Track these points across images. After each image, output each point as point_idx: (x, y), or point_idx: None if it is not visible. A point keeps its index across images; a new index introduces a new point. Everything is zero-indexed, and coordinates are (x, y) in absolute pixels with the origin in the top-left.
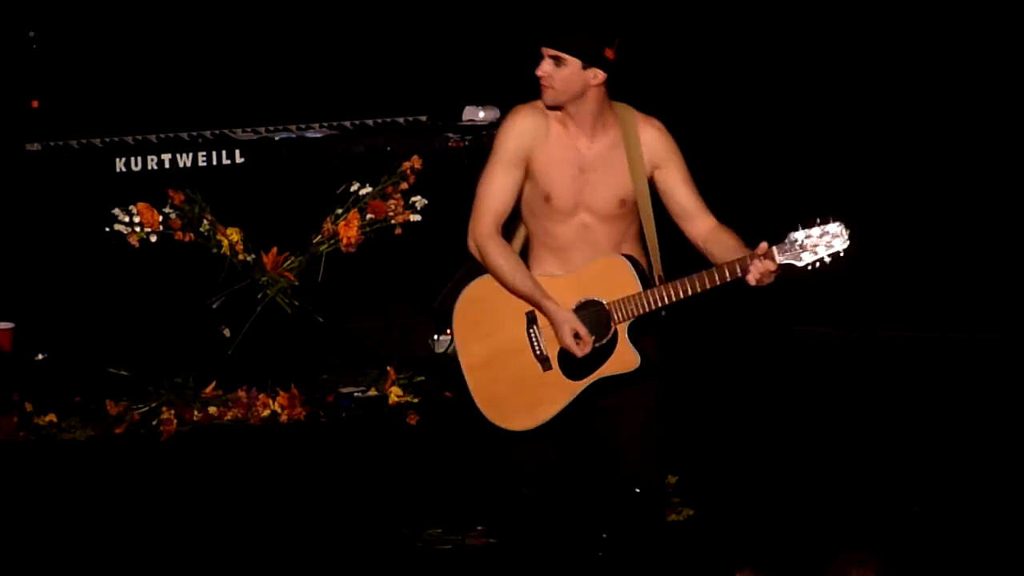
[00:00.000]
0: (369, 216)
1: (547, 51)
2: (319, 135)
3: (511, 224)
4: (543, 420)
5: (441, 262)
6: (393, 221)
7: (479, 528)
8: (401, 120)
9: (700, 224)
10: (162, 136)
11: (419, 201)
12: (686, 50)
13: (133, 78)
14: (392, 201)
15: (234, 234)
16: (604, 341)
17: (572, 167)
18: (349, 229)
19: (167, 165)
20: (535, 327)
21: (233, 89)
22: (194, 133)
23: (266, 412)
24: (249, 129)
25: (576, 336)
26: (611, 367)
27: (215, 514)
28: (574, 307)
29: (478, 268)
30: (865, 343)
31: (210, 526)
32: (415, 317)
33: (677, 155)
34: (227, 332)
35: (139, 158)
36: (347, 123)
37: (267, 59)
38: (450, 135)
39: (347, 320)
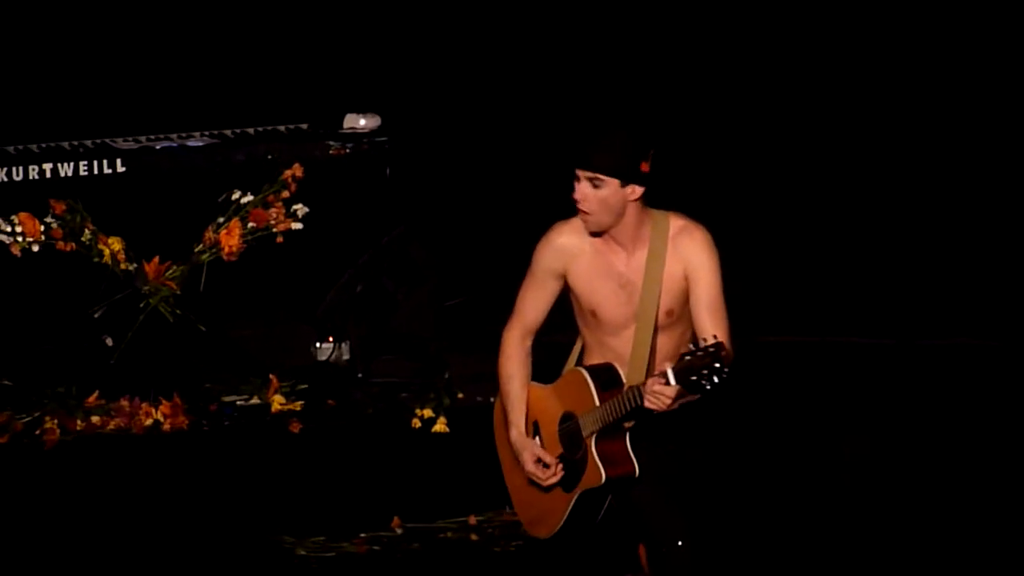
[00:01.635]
0: (251, 224)
1: (583, 173)
2: (200, 144)
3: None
4: (556, 530)
5: (323, 270)
6: (275, 229)
7: (361, 535)
8: (282, 128)
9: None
10: (43, 146)
11: (301, 209)
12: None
13: (12, 88)
14: (274, 209)
15: (116, 243)
16: (578, 455)
17: (614, 283)
18: (231, 238)
19: (48, 175)
20: (538, 437)
21: (114, 98)
22: (75, 143)
23: (149, 421)
24: (130, 138)
25: (540, 462)
26: (585, 482)
27: (98, 523)
28: (559, 419)
29: (360, 277)
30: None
31: (94, 535)
32: (298, 325)
33: (707, 271)
34: (110, 341)
35: (20, 168)
36: (228, 132)
37: (148, 68)
38: (331, 143)
39: (230, 329)
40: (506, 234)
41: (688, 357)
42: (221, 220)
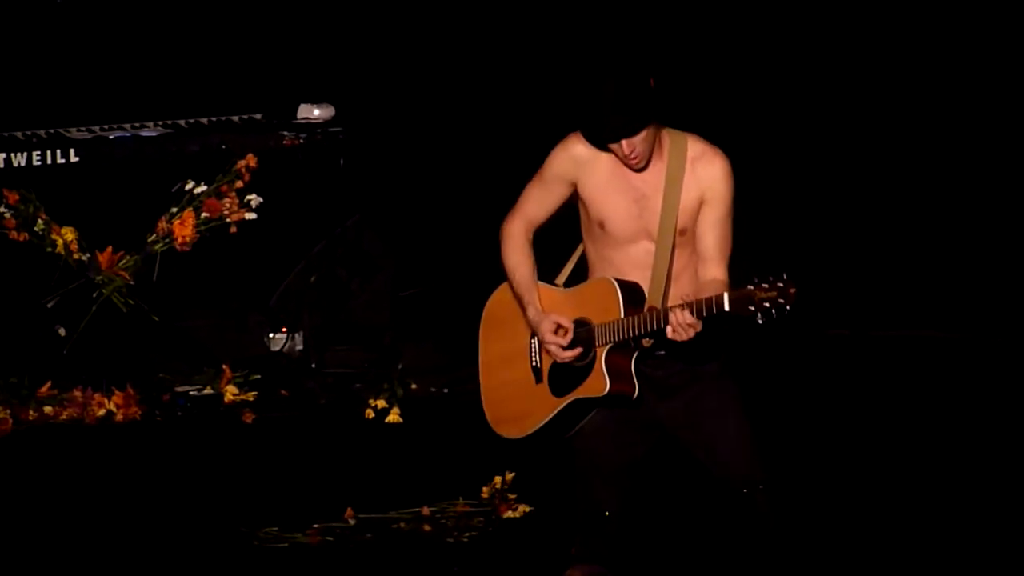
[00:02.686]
0: (204, 214)
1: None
2: (154, 133)
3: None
4: (528, 432)
5: (277, 260)
6: (228, 219)
7: (315, 526)
8: (236, 118)
9: (705, 271)
10: None
11: (254, 199)
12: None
13: None
14: (227, 199)
15: (69, 233)
16: (585, 362)
17: (627, 197)
18: (184, 228)
19: (1, 164)
20: (535, 338)
21: (67, 88)
22: (28, 132)
23: (102, 412)
24: (84, 128)
25: (559, 330)
26: (584, 389)
27: (52, 513)
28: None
29: (314, 268)
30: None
31: (47, 525)
32: (251, 315)
33: (722, 198)
34: (62, 331)
35: None
36: (182, 121)
37: (101, 57)
38: (285, 133)
39: (183, 319)
40: (460, 224)
41: (751, 286)
42: (175, 210)
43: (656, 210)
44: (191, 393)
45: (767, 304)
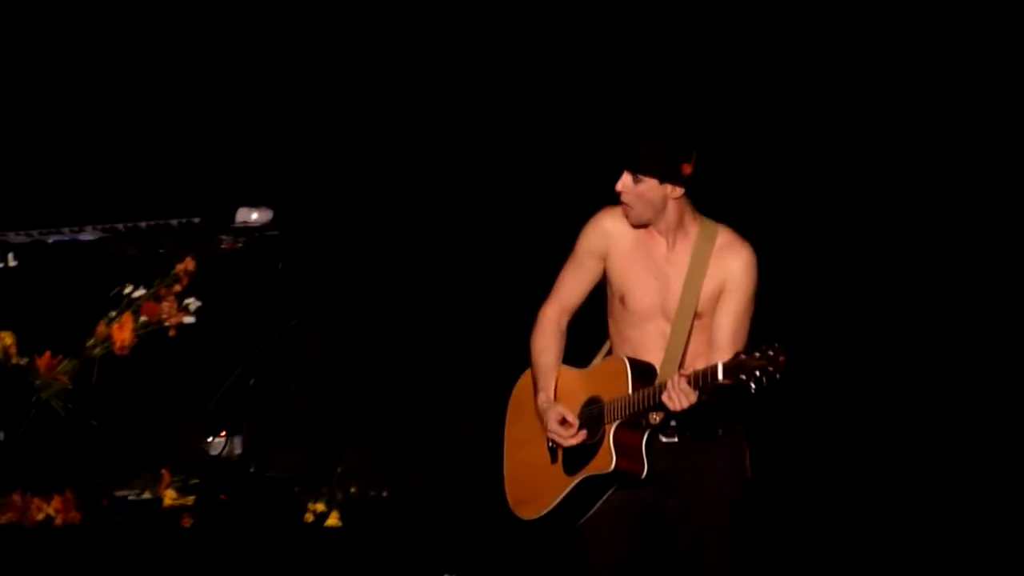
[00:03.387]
0: (143, 318)
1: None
2: (92, 237)
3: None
4: (543, 512)
5: (215, 364)
6: (167, 323)
7: None
8: (174, 222)
9: (715, 358)
10: None
11: (193, 303)
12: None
13: None
14: (166, 303)
15: (7, 338)
16: (595, 440)
17: (649, 273)
18: (123, 332)
19: None
20: None
21: (4, 192)
22: None
23: (41, 515)
24: (22, 232)
25: (563, 423)
26: (593, 467)
27: None
28: (584, 402)
29: (252, 371)
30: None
31: None
32: (189, 419)
33: (743, 289)
34: (1, 436)
35: None
36: (120, 225)
37: (39, 161)
38: (223, 237)
39: (121, 423)
40: (399, 328)
41: (744, 356)
42: (113, 314)
43: (677, 291)
44: (130, 497)
45: (758, 373)
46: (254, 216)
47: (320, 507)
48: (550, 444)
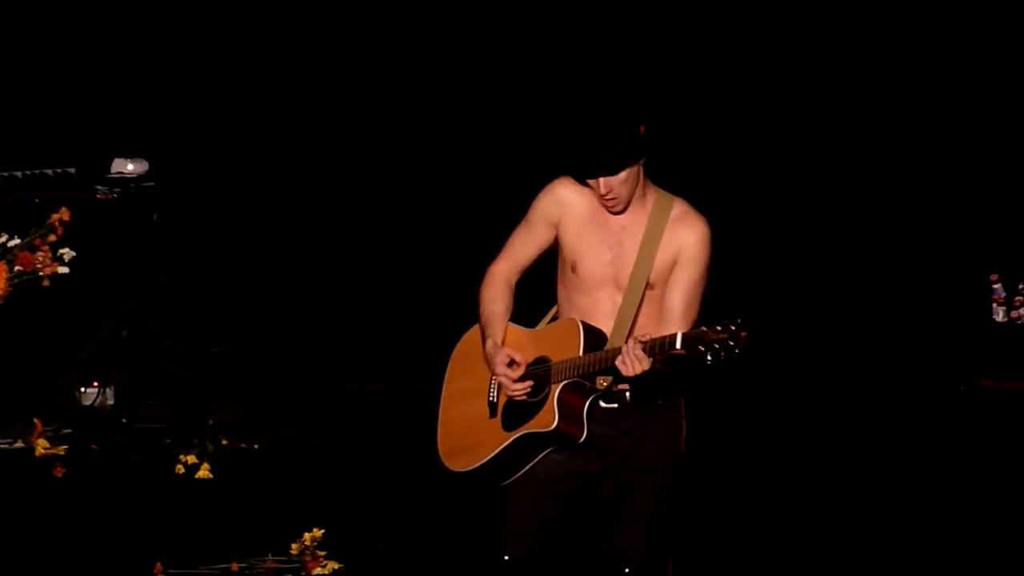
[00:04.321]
0: (17, 268)
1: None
2: None
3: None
4: (475, 464)
5: (89, 315)
6: (41, 273)
7: None
8: (50, 172)
9: (666, 329)
10: None
11: (67, 253)
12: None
13: None
14: (40, 253)
15: None
16: (538, 398)
17: (602, 241)
18: None
19: None
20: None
21: None
22: None
23: None
24: None
25: (512, 364)
26: (534, 424)
27: None
28: (531, 362)
29: (126, 322)
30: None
31: None
32: (62, 369)
33: (696, 261)
34: None
35: None
36: None
37: None
38: (99, 187)
39: None
40: (272, 281)
41: (704, 328)
42: None
43: (630, 260)
44: (1, 447)
45: (717, 346)
46: (130, 167)
47: (191, 459)
48: (491, 399)
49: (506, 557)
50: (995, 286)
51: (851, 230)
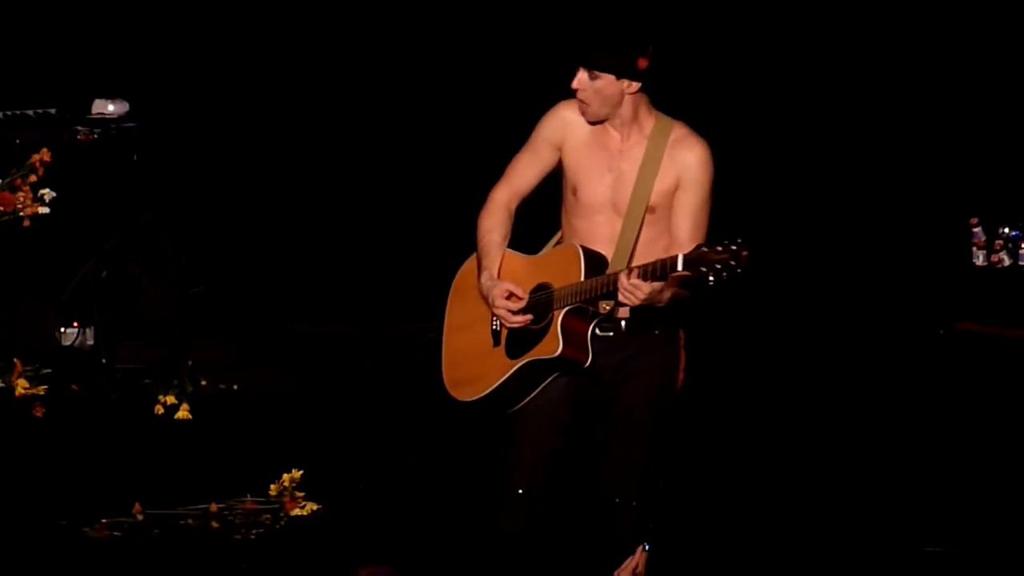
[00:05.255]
0: None
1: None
2: None
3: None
4: (481, 394)
5: (69, 255)
6: (22, 213)
7: (102, 521)
8: (30, 112)
9: (673, 252)
10: None
11: (48, 194)
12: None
13: None
14: (21, 193)
15: None
16: (541, 325)
17: (601, 165)
18: None
19: None
20: None
21: None
22: None
23: None
24: None
25: (510, 297)
26: (538, 351)
27: None
28: (532, 289)
29: (105, 263)
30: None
31: None
32: (42, 309)
33: (698, 184)
34: None
35: None
36: None
37: None
38: (79, 128)
39: None
40: (254, 221)
41: (705, 248)
42: None
43: (629, 184)
44: None
45: (719, 266)
46: (110, 108)
47: (171, 399)
48: (494, 327)
49: (520, 491)
50: (975, 230)
51: (829, 172)
